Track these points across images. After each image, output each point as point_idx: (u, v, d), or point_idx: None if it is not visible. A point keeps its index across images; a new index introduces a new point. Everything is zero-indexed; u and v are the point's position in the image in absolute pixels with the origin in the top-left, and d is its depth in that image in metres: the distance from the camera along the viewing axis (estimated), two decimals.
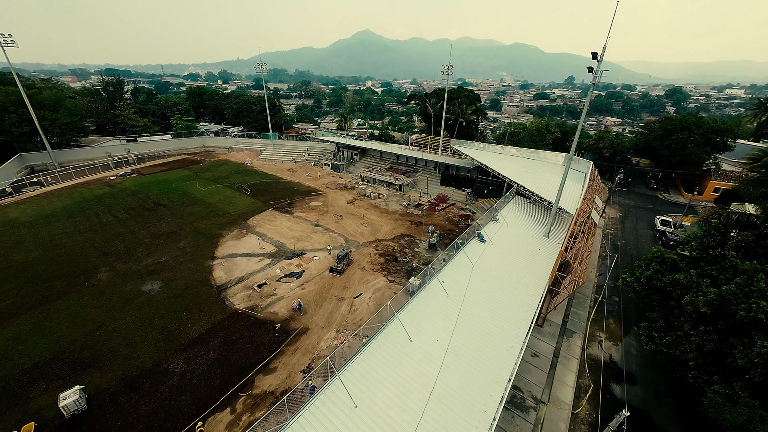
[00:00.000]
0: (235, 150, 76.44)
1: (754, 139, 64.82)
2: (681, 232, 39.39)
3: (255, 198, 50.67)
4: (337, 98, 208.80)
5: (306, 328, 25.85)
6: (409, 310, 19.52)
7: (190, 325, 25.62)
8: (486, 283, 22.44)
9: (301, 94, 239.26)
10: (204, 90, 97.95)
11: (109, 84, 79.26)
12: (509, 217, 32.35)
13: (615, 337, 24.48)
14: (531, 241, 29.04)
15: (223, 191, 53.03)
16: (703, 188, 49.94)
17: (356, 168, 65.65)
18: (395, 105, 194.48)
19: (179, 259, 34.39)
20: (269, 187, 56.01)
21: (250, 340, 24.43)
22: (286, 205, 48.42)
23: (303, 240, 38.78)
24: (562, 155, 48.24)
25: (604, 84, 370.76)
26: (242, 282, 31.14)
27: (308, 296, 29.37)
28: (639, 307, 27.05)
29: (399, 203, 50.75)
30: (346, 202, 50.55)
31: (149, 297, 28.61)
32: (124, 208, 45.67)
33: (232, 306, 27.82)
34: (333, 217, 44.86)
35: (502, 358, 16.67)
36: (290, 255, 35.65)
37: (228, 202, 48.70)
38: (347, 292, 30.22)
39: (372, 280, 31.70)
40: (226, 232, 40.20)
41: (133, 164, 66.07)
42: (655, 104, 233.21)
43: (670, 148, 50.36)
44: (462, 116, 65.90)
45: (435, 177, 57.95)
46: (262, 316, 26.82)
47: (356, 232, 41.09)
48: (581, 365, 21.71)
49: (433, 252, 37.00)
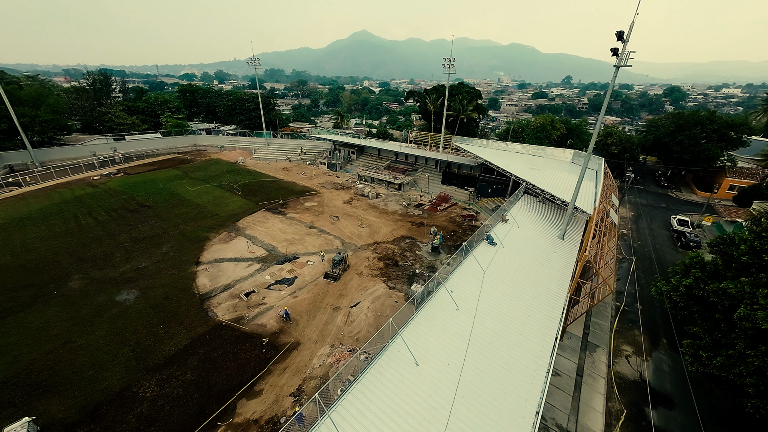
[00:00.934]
0: (228, 149, 73.56)
1: (765, 134, 62.85)
2: (700, 232, 37.01)
3: (246, 198, 47.89)
4: (334, 98, 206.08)
5: (297, 343, 23.12)
6: (414, 326, 16.86)
7: (167, 341, 22.83)
8: (499, 291, 19.82)
9: (297, 94, 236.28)
10: (196, 88, 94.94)
11: (96, 80, 76.14)
12: (519, 217, 29.79)
13: (643, 351, 21.93)
14: (545, 243, 26.48)
15: (212, 191, 50.21)
16: (718, 186, 47.64)
17: (353, 167, 62.98)
18: (393, 104, 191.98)
19: (160, 264, 31.57)
20: (262, 186, 53.23)
21: (234, 358, 21.67)
22: (279, 206, 45.67)
23: (296, 243, 36.05)
24: (570, 152, 45.80)
25: (603, 83, 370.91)
26: (228, 290, 28.37)
27: (300, 305, 26.65)
28: (667, 316, 24.58)
29: (399, 203, 48.12)
30: (342, 202, 47.87)
31: (124, 308, 25.78)
32: (106, 210, 42.76)
33: (216, 318, 25.04)
34: (329, 218, 42.17)
35: (526, 385, 14.05)
36: (282, 259, 32.91)
37: (217, 203, 45.90)
38: (343, 300, 27.53)
39: (371, 287, 29.02)
40: (213, 234, 37.42)
41: (120, 164, 63.12)
42: (654, 103, 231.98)
43: (683, 144, 48.05)
44: (463, 113, 63.40)
45: (436, 176, 55.38)
46: (248, 329, 24.06)
47: (353, 234, 38.41)
48: (609, 385, 19.15)
49: (436, 255, 34.40)
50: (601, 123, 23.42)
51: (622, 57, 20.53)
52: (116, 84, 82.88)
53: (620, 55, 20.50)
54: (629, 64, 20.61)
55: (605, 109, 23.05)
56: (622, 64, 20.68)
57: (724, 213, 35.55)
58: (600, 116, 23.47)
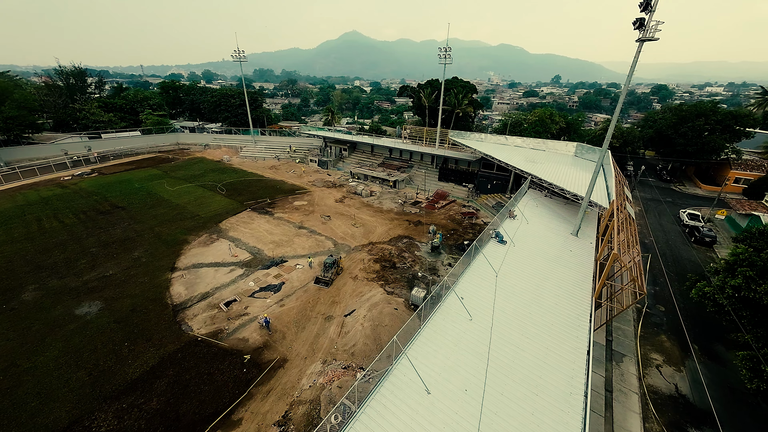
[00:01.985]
0: (213, 147, 69.79)
1: (761, 127, 62.05)
2: (711, 226, 35.20)
3: (231, 198, 44.56)
4: (324, 97, 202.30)
5: (284, 359, 20.15)
6: (421, 342, 14.10)
7: (131, 361, 19.60)
8: (517, 297, 17.24)
9: (287, 93, 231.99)
10: (179, 84, 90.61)
11: (70, 75, 71.51)
12: (527, 212, 27.38)
13: (674, 359, 19.63)
14: (558, 240, 24.10)
15: (194, 191, 46.70)
16: (722, 179, 46.22)
17: (345, 164, 60.05)
18: (385, 103, 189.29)
19: (130, 271, 28.19)
20: (248, 185, 49.91)
21: (209, 380, 18.58)
22: (266, 205, 42.47)
23: (284, 245, 32.98)
24: (572, 144, 43.82)
25: (590, 83, 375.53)
26: (206, 299, 25.20)
27: (288, 315, 23.66)
28: (694, 318, 22.40)
29: (394, 201, 45.40)
30: (334, 201, 44.93)
31: (83, 323, 22.41)
32: (74, 212, 38.96)
33: (190, 332, 21.88)
34: (320, 218, 39.19)
35: (562, 413, 11.44)
36: (268, 263, 29.83)
37: (199, 203, 42.47)
38: (336, 308, 24.63)
39: (366, 293, 26.19)
40: (192, 237, 34.11)
41: (95, 163, 58.96)
42: (642, 101, 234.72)
43: (686, 136, 46.50)
44: (458, 107, 61.09)
45: (432, 172, 52.85)
46: (228, 344, 20.97)
47: (346, 235, 35.53)
48: (643, 402, 16.72)
49: (437, 256, 31.78)
50: (617, 114, 21.12)
51: (648, 29, 18.18)
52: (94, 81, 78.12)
53: (645, 27, 18.15)
54: (656, 37, 18.27)
55: (623, 98, 20.74)
56: (647, 37, 18.32)
57: (738, 206, 33.73)
58: (618, 106, 21.17)
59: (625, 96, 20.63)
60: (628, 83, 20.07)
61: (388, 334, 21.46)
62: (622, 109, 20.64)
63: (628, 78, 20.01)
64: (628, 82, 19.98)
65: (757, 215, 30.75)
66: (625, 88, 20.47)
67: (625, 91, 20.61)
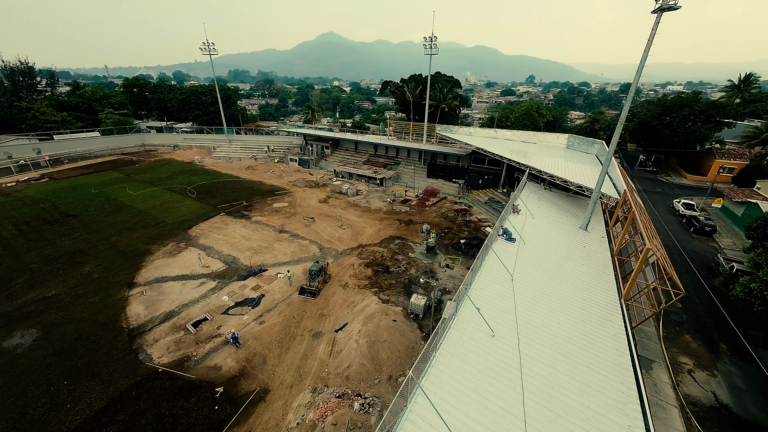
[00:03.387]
0: (183, 148, 64.57)
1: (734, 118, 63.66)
2: (706, 215, 34.55)
3: (202, 201, 40.32)
4: (303, 97, 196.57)
5: (265, 390, 16.84)
6: (439, 370, 11.29)
7: (70, 406, 15.73)
8: (538, 304, 14.83)
9: (264, 94, 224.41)
10: (144, 82, 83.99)
11: (16, 72, 64.14)
12: (530, 207, 25.31)
13: (705, 362, 17.86)
14: (568, 235, 22.09)
15: (160, 195, 42.08)
16: (707, 168, 46.51)
17: (328, 163, 56.73)
18: (365, 103, 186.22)
19: (78, 290, 23.90)
20: (222, 187, 45.69)
21: (172, 424, 15.05)
22: (242, 209, 38.58)
23: (263, 252, 29.44)
24: (564, 136, 42.57)
25: (563, 82, 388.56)
26: (170, 319, 21.43)
27: (269, 334, 20.33)
28: (715, 314, 20.88)
29: (382, 200, 42.59)
30: (318, 202, 41.60)
31: (10, 359, 18.20)
32: (15, 223, 33.72)
33: (149, 362, 18.15)
34: (303, 220, 35.80)
35: None
36: (245, 274, 26.25)
37: (165, 209, 38.05)
38: (326, 322, 21.51)
39: (359, 302, 23.21)
40: (157, 247, 29.95)
41: (46, 167, 52.78)
42: (613, 98, 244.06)
43: (671, 126, 46.45)
44: (444, 102, 59.12)
45: (420, 169, 50.44)
46: (196, 375, 17.43)
47: (333, 238, 32.38)
48: (684, 416, 14.67)
49: (433, 257, 29.23)
50: (628, 106, 19.55)
51: None
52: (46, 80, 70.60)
53: None
54: (677, 5, 16.39)
55: (635, 86, 19.00)
56: (667, 5, 16.40)
57: (732, 194, 33.23)
58: (628, 99, 19.53)
59: (636, 84, 18.86)
60: (641, 69, 18.17)
61: (388, 352, 18.61)
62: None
63: (640, 65, 18.11)
64: (641, 69, 18.12)
65: (754, 203, 30.16)
66: (638, 76, 18.64)
67: (637, 78, 18.80)
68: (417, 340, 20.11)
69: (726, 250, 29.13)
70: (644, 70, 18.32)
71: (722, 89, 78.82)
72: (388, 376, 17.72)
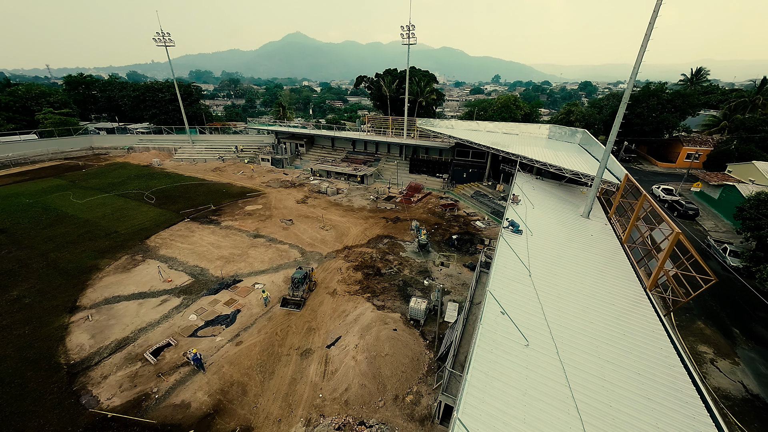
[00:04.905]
0: (139, 150, 58.34)
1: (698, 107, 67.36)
2: (685, 200, 35.26)
3: (162, 207, 35.78)
4: (272, 97, 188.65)
5: (247, 428, 13.84)
6: (474, 396, 8.99)
7: None
8: (565, 302, 13.09)
9: (230, 94, 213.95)
10: (92, 79, 75.58)
11: None
12: (527, 197, 23.88)
13: (724, 350, 17.04)
14: (572, 224, 20.82)
15: (111, 202, 36.96)
16: (675, 155, 48.31)
17: (304, 161, 53.31)
18: (337, 102, 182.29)
19: (2, 321, 19.38)
20: (185, 191, 41.10)
21: None
22: (209, 213, 34.56)
23: (236, 260, 25.97)
24: (545, 127, 42.33)
25: (527, 81, 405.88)
26: (124, 349, 17.70)
27: (248, 357, 17.22)
28: (717, 296, 20.39)
29: (365, 198, 40.09)
30: (295, 202, 38.34)
31: None
32: None
33: (95, 406, 14.51)
34: (280, 223, 32.51)
35: None
36: (215, 287, 22.76)
37: (118, 217, 33.25)
38: (315, 337, 18.70)
39: (351, 311, 20.60)
40: (107, 261, 25.59)
41: None
42: (573, 96, 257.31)
43: (642, 116, 47.82)
44: (422, 96, 57.62)
45: (402, 164, 48.44)
46: (158, 419, 14.06)
47: (315, 240, 29.45)
48: (721, 413, 13.46)
49: (426, 255, 27.18)
50: (629, 94, 18.72)
51: None
52: None
53: None
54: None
55: (633, 81, 18.20)
56: None
57: (708, 178, 34.10)
58: (627, 90, 18.60)
59: (634, 78, 18.02)
60: (638, 65, 17.25)
61: (391, 367, 16.19)
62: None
63: (637, 61, 17.19)
64: (638, 65, 17.21)
65: (731, 185, 30.91)
66: (635, 71, 17.70)
67: (634, 74, 17.87)
68: (421, 349, 17.85)
69: (711, 232, 29.53)
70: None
71: (677, 83, 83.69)
72: (393, 396, 15.31)
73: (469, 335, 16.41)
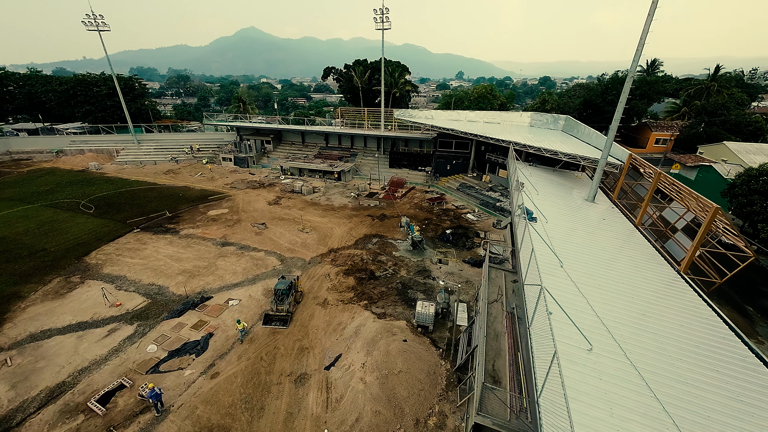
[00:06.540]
0: (71, 153, 50.21)
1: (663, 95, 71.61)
2: None
3: (104, 218, 30.25)
4: (227, 95, 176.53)
5: None
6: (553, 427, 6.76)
7: None
8: (610, 295, 11.53)
9: (179, 92, 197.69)
10: (5, 72, 64.18)
11: None
12: (530, 183, 22.59)
13: (745, 329, 16.44)
14: (581, 209, 19.78)
15: (37, 214, 30.66)
16: (644, 141, 50.59)
17: (271, 160, 48.92)
18: (300, 99, 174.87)
19: None
20: (133, 198, 35.40)
21: None
22: (164, 221, 29.71)
23: (202, 274, 21.98)
24: (527, 114, 42.09)
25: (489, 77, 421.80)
26: (59, 398, 13.58)
27: (228, 392, 13.87)
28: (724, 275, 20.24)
29: (345, 195, 37.10)
30: (267, 204, 34.42)
31: None
32: None
33: None
34: (251, 228, 28.64)
35: None
36: (179, 307, 18.80)
37: (46, 231, 27.43)
38: (309, 358, 15.69)
39: (348, 323, 17.80)
40: (32, 287, 20.48)
41: None
42: (534, 91, 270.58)
43: (613, 103, 49.50)
44: (396, 87, 55.45)
45: (381, 158, 45.91)
46: None
47: (295, 245, 26.09)
48: None
49: (421, 253, 25.00)
50: (626, 93, 18.52)
51: None
52: None
53: None
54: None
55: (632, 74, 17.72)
56: None
57: (684, 160, 35.49)
58: (627, 84, 17.80)
59: (634, 72, 17.59)
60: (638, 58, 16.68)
61: (408, 386, 13.74)
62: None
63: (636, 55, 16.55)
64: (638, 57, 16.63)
65: (707, 165, 32.14)
66: (634, 65, 17.34)
67: (634, 67, 17.56)
68: (435, 360, 15.58)
69: None
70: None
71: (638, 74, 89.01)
72: (414, 420, 12.89)
73: (492, 339, 14.42)
